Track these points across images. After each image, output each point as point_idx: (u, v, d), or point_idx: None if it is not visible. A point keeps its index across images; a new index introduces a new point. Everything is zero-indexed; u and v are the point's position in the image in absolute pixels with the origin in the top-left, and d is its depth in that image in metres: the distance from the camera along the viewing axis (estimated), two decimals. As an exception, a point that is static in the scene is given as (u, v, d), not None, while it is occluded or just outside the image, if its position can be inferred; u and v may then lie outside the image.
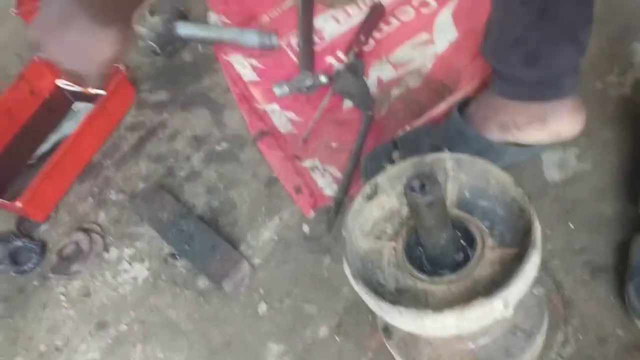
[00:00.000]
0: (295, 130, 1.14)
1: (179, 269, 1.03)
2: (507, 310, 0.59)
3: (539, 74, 0.84)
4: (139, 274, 1.05)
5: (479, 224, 0.66)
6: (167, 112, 1.29)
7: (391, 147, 0.99)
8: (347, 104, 1.14)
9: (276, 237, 1.01)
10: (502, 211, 0.67)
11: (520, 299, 0.60)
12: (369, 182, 0.70)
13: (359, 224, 0.70)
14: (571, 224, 0.87)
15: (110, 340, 0.99)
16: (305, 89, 1.17)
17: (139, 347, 0.96)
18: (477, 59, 1.03)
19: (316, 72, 1.19)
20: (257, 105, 1.21)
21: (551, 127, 0.88)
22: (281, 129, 1.15)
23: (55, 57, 0.67)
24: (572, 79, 0.85)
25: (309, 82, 1.17)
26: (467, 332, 0.66)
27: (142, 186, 1.17)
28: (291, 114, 1.17)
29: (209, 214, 1.08)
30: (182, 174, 1.17)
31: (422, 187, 0.58)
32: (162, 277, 1.03)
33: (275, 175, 1.09)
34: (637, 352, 0.75)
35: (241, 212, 1.07)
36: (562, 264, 0.84)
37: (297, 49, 1.25)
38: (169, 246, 1.06)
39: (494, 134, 0.91)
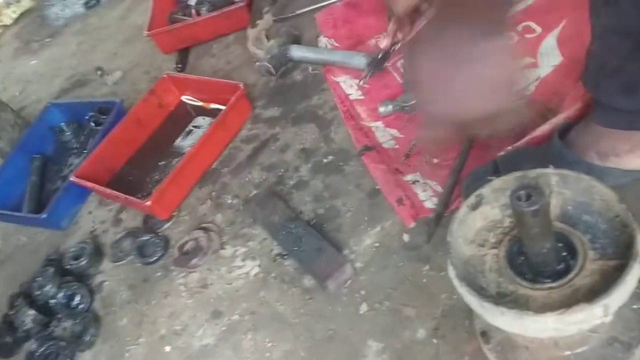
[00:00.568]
0: (397, 145, 1.22)
1: (287, 267, 1.12)
2: (607, 317, 0.62)
3: (637, 104, 0.86)
4: (251, 270, 1.15)
5: (581, 236, 0.70)
6: (279, 126, 1.40)
7: (492, 168, 1.04)
8: (449, 123, 1.20)
9: (377, 244, 1.08)
10: (605, 226, 0.70)
11: (619, 307, 0.63)
12: (474, 193, 0.76)
13: (462, 232, 0.75)
14: (674, 246, 0.88)
15: (224, 327, 1.09)
16: (408, 108, 1.25)
17: (249, 335, 1.06)
18: (580, 83, 1.06)
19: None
20: (362, 122, 1.29)
21: None
22: (384, 145, 1.23)
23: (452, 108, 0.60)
24: None
25: (412, 101, 1.24)
26: (565, 336, 0.69)
27: (255, 192, 1.29)
28: (394, 131, 1.25)
29: (315, 220, 1.17)
30: (291, 182, 1.27)
31: (528, 197, 0.62)
32: (272, 274, 1.12)
33: (378, 187, 1.16)
34: None
35: (345, 219, 1.15)
36: (663, 284, 0.85)
37: (402, 71, 1.33)
38: (278, 247, 1.15)
39: (594, 161, 0.93)
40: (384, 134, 1.25)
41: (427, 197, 1.10)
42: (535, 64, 1.20)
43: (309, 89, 1.44)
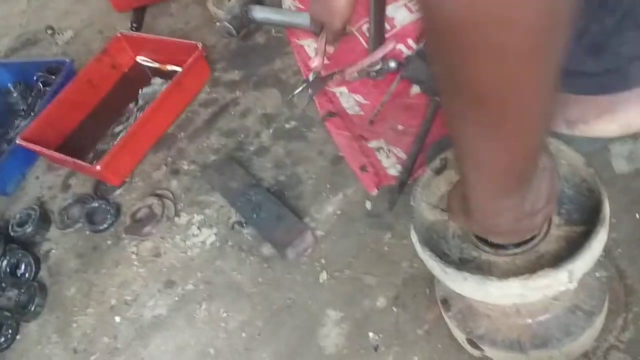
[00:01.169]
0: (362, 112, 1.18)
1: (245, 236, 1.08)
2: (572, 283, 0.60)
3: (605, 65, 0.84)
4: (207, 238, 1.10)
5: None
6: (240, 90, 1.34)
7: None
8: (415, 89, 1.16)
9: (339, 211, 1.05)
10: (571, 191, 0.68)
11: (584, 273, 0.61)
12: (439, 156, 0.72)
13: (426, 197, 0.72)
14: (637, 215, 0.87)
15: (177, 297, 1.05)
16: (374, 73, 1.20)
17: (204, 306, 1.01)
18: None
19: (386, 58, 1.22)
20: (326, 87, 1.25)
21: (621, 119, 0.88)
22: (349, 111, 1.19)
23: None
24: (639, 68, 0.85)
25: (378, 67, 1.20)
26: (527, 304, 0.67)
27: (213, 158, 1.23)
28: (359, 97, 1.21)
29: (275, 187, 1.13)
30: (251, 148, 1.22)
31: None
32: (229, 243, 1.08)
33: (341, 154, 1.12)
34: (700, 343, 0.75)
35: (307, 187, 1.11)
36: (626, 253, 0.84)
37: (367, 35, 1.29)
38: (236, 215, 1.11)
39: (562, 129, 0.91)
40: (349, 100, 1.21)
41: (391, 165, 1.07)
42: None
43: (271, 52, 1.38)
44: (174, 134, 1.32)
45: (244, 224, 1.09)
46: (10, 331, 1.11)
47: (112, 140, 1.34)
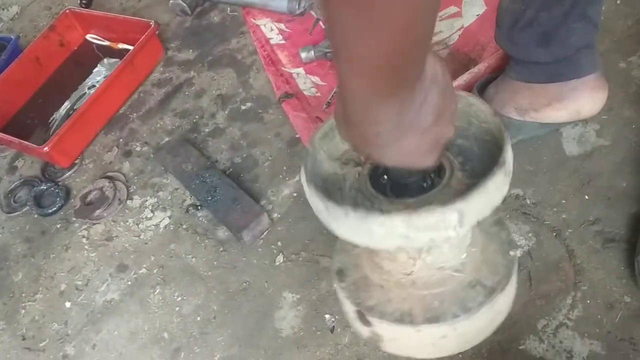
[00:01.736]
0: (319, 93, 1.17)
1: (200, 219, 1.06)
2: (462, 227, 0.54)
3: (554, 54, 0.86)
4: (161, 221, 1.08)
5: (452, 158, 0.63)
6: (194, 70, 1.31)
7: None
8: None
9: (296, 194, 1.04)
10: (479, 150, 0.64)
11: (477, 220, 0.55)
12: None
13: (327, 147, 0.66)
14: (587, 196, 0.89)
15: (129, 282, 1.02)
16: (330, 54, 1.19)
17: (158, 290, 0.99)
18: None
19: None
20: (283, 68, 1.23)
21: (570, 107, 0.90)
22: (305, 92, 1.18)
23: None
24: (588, 57, 0.86)
25: (335, 48, 1.19)
26: (422, 276, 0.63)
27: (167, 139, 1.20)
28: (316, 79, 1.20)
29: (231, 170, 1.11)
30: (206, 130, 1.19)
31: None
32: (183, 226, 1.06)
33: (297, 135, 1.11)
34: (643, 319, 0.77)
35: (263, 169, 1.09)
36: (576, 233, 0.86)
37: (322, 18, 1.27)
38: (191, 198, 1.09)
39: (513, 116, 0.92)
40: (306, 81, 1.20)
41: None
42: (459, 13, 1.18)
43: (227, 31, 1.35)
44: (126, 115, 1.28)
45: (199, 207, 1.07)
46: (-47, 319, 1.06)
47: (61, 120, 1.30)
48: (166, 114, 1.25)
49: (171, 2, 1.39)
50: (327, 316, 0.88)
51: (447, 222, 0.53)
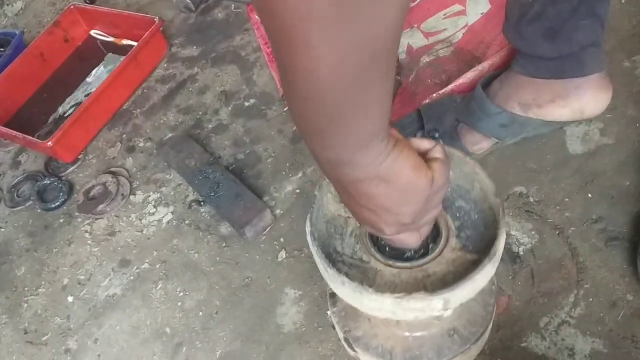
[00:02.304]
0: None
1: (203, 214, 1.06)
2: (446, 311, 0.58)
3: (559, 50, 0.85)
4: (164, 217, 1.08)
5: (449, 221, 0.65)
6: (198, 66, 1.31)
7: (416, 117, 1.01)
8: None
9: (298, 190, 1.04)
10: (476, 217, 0.65)
11: (462, 303, 0.58)
12: None
13: (334, 188, 0.66)
14: (590, 194, 0.89)
15: (132, 277, 1.02)
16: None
17: (160, 285, 1.00)
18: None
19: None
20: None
21: (573, 105, 0.90)
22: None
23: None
24: (594, 56, 0.85)
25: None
26: (403, 320, 0.66)
27: (170, 135, 1.20)
28: (320, 76, 1.19)
29: (234, 166, 1.11)
30: (209, 126, 1.19)
31: None
32: (186, 222, 1.06)
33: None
34: (645, 317, 0.77)
35: (266, 165, 1.09)
36: (579, 231, 0.86)
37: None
38: (194, 193, 1.09)
39: (516, 111, 0.92)
40: (309, 78, 1.20)
41: (351, 143, 1.06)
42: (463, 11, 1.17)
43: (231, 28, 1.36)
44: (130, 110, 1.28)
45: (202, 203, 1.07)
46: (-45, 312, 1.07)
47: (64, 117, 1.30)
48: (170, 109, 1.25)
49: (175, -2, 1.39)
50: (328, 312, 0.88)
51: (432, 307, 0.57)
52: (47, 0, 1.67)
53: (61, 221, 1.15)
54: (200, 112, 1.22)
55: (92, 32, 1.44)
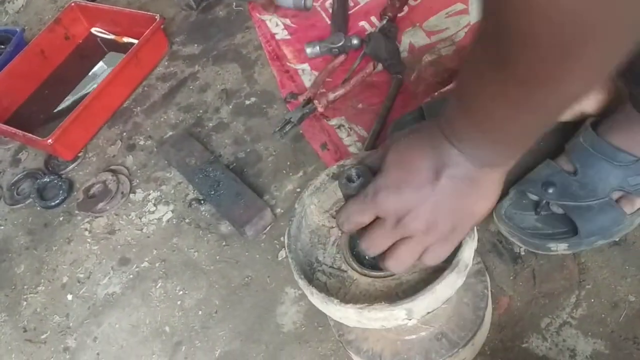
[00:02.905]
0: (324, 90, 1.16)
1: (203, 213, 1.05)
2: (412, 320, 0.59)
3: None
4: (164, 215, 1.08)
5: None
6: (199, 65, 1.31)
7: (418, 114, 1.01)
8: (378, 67, 1.15)
9: (299, 189, 1.04)
10: None
11: (429, 312, 0.59)
12: (338, 162, 0.68)
13: (318, 200, 0.69)
14: (592, 195, 0.89)
15: (131, 275, 1.02)
16: (336, 50, 1.19)
17: (160, 283, 0.99)
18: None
19: (348, 35, 1.20)
20: (288, 63, 1.23)
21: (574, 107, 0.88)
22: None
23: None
24: None
25: (340, 43, 1.18)
26: (371, 328, 0.65)
27: (171, 133, 1.20)
28: (321, 74, 1.19)
29: (234, 164, 1.11)
30: (210, 124, 1.19)
31: (359, 177, 0.57)
32: (186, 220, 1.06)
33: (301, 131, 1.11)
34: (647, 318, 0.77)
35: (266, 164, 1.09)
36: (580, 231, 0.86)
37: (330, 11, 1.27)
38: (194, 192, 1.08)
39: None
40: (311, 78, 1.19)
41: (352, 142, 1.06)
42: (466, 10, 1.17)
43: (232, 26, 1.35)
44: (130, 108, 1.28)
45: (202, 201, 1.07)
46: (-45, 310, 1.06)
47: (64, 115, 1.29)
48: (170, 108, 1.25)
49: (177, -4, 1.39)
50: (329, 312, 0.88)
51: (395, 317, 0.58)
52: (48, -3, 1.66)
53: (61, 219, 1.14)
54: (200, 111, 1.22)
55: (93, 30, 1.44)
